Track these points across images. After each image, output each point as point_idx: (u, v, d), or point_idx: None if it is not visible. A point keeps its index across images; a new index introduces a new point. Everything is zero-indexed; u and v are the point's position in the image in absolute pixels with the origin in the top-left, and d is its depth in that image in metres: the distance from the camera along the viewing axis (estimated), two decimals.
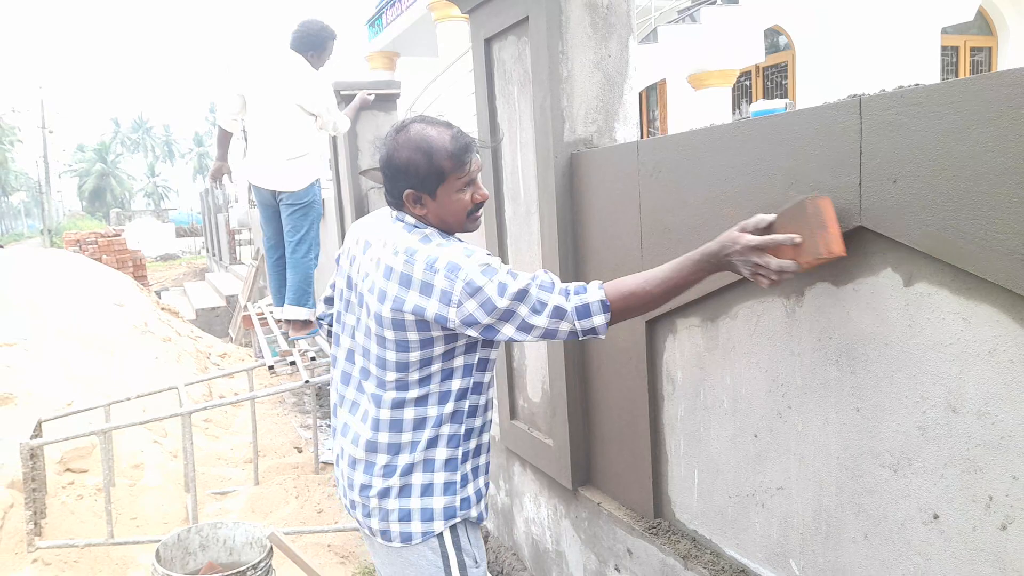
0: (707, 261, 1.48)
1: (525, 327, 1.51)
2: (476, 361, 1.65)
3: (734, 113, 10.14)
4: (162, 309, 9.53)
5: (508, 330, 1.52)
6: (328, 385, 6.26)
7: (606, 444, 2.44)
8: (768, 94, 10.54)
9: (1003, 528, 1.26)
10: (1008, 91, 1.14)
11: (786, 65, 10.40)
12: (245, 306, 7.81)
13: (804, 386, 1.63)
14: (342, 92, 4.95)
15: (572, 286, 1.54)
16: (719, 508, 1.95)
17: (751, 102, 10.18)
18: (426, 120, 1.62)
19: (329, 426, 5.63)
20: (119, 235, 14.93)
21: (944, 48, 9.27)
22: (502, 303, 1.48)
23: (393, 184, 1.60)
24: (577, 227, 2.39)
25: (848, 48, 9.25)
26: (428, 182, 1.56)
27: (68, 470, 4.09)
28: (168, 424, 5.10)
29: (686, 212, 1.89)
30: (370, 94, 4.90)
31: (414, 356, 1.59)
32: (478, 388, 1.69)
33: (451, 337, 1.58)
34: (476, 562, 1.71)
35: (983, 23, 9.93)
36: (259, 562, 2.72)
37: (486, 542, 3.42)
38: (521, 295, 1.49)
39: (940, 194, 1.26)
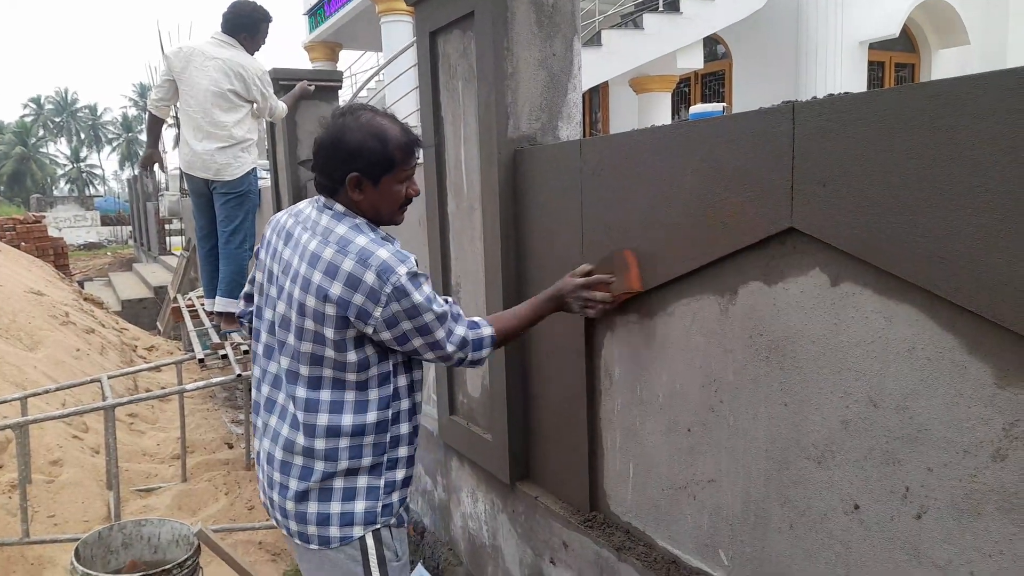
0: (551, 302, 1.85)
1: (435, 346, 1.60)
2: (391, 368, 1.63)
3: (674, 117, 10.37)
4: (85, 299, 9.13)
5: (418, 342, 1.57)
6: None
7: (544, 439, 2.47)
8: (706, 100, 10.83)
9: (918, 517, 1.33)
10: (928, 102, 1.20)
11: (723, 73, 10.70)
12: (175, 298, 7.55)
13: (735, 382, 1.68)
14: (281, 81, 4.83)
15: (468, 320, 1.69)
16: (653, 500, 1.99)
17: (689, 107, 10.43)
18: (374, 110, 1.61)
19: None
20: (39, 221, 14.22)
21: (871, 63, 9.70)
22: (425, 316, 1.55)
23: (335, 166, 1.56)
24: (520, 223, 2.41)
25: (782, 58, 9.58)
26: (376, 169, 1.56)
27: None
28: (90, 418, 4.89)
29: (626, 210, 1.93)
30: (310, 84, 4.80)
31: (329, 353, 1.56)
32: (399, 393, 1.66)
33: (361, 342, 1.56)
34: (397, 556, 1.70)
35: (907, 41, 10.43)
36: (185, 560, 2.64)
37: (422, 537, 3.41)
38: (442, 318, 1.59)
39: (865, 198, 1.32)
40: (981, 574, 1.24)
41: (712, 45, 10.31)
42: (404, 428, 1.68)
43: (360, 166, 1.55)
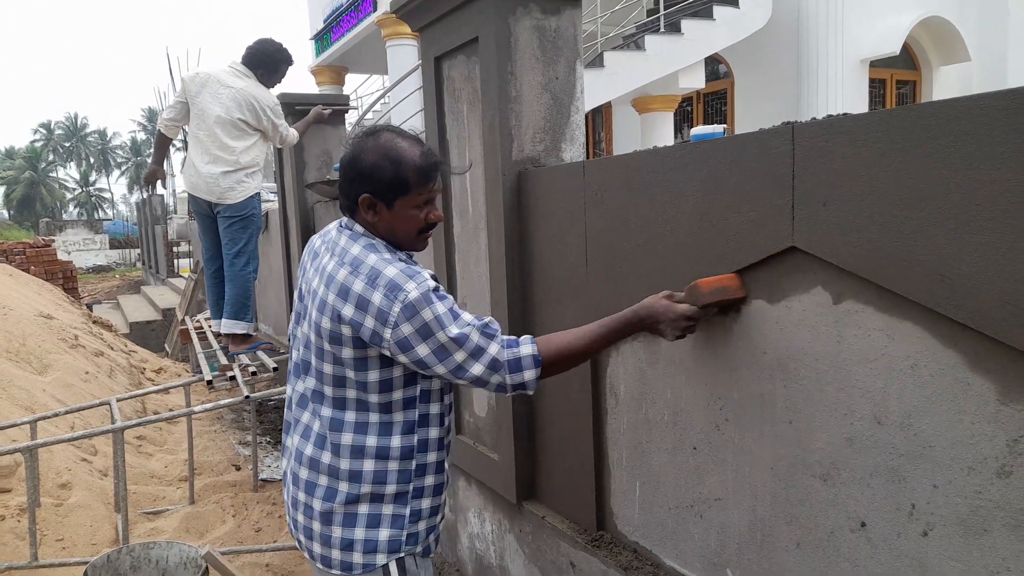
0: (633, 326, 1.60)
1: (459, 371, 1.48)
2: (419, 393, 1.58)
3: (676, 136, 10.43)
4: (94, 322, 9.18)
5: (440, 369, 1.48)
6: (269, 400, 6.13)
7: (551, 458, 2.47)
8: (708, 119, 10.89)
9: (925, 534, 1.34)
10: (928, 122, 1.22)
11: (725, 92, 10.76)
12: (183, 320, 7.60)
13: (741, 400, 1.69)
14: (297, 107, 4.90)
15: (506, 338, 1.53)
16: (659, 519, 1.99)
17: (692, 126, 10.49)
18: (398, 131, 1.58)
19: (269, 443, 5.52)
20: (49, 245, 14.32)
21: (872, 80, 9.75)
22: (440, 336, 1.45)
23: (351, 186, 1.55)
24: (524, 244, 2.43)
25: (783, 77, 9.65)
26: (389, 191, 1.51)
27: None
28: (98, 441, 4.90)
29: (629, 231, 1.95)
30: (326, 109, 4.86)
31: (350, 374, 1.53)
32: (425, 421, 1.60)
33: (387, 363, 1.51)
34: None
35: (908, 59, 10.48)
36: None
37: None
38: (463, 338, 1.46)
39: (866, 217, 1.33)
40: None
41: (714, 65, 10.39)
42: (431, 457, 1.62)
43: (372, 187, 1.51)
